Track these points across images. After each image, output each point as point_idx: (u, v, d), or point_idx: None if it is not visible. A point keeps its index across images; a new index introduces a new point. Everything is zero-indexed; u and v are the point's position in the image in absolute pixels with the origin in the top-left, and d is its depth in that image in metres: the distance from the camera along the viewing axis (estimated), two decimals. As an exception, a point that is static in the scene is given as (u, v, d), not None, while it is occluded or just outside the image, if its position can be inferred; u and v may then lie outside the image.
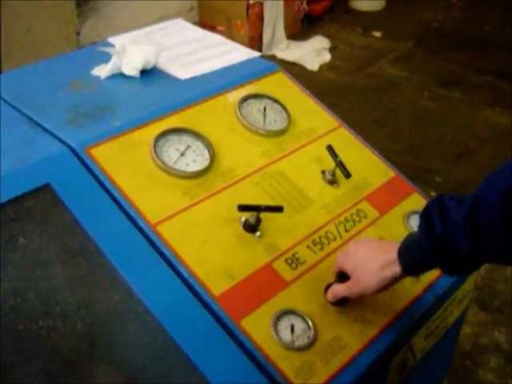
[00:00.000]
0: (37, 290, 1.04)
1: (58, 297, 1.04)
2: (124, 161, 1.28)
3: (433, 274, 1.33)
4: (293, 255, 1.25)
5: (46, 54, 1.73)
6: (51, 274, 1.06)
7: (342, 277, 1.19)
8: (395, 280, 1.12)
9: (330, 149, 1.42)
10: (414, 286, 1.29)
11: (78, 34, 3.87)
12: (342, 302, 1.20)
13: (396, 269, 1.09)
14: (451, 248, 1.00)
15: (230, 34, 4.51)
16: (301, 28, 5.18)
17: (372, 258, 1.13)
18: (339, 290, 1.18)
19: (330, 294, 1.20)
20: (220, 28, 4.68)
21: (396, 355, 1.27)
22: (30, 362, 0.98)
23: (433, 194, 3.19)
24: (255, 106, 1.51)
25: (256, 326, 1.12)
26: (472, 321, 2.55)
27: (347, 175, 1.39)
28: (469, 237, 0.97)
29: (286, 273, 1.22)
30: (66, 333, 1.01)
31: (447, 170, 3.52)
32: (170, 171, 1.28)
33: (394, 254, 1.10)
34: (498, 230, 0.94)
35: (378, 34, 5.26)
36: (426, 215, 1.05)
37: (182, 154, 1.33)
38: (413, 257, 1.08)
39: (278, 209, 1.26)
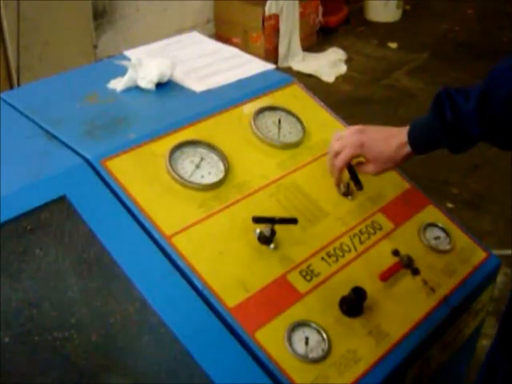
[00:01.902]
0: (52, 301, 1.05)
1: (74, 308, 1.05)
2: (139, 173, 1.28)
3: (448, 287, 1.32)
4: (307, 267, 1.25)
5: (64, 67, 1.75)
6: (66, 285, 1.07)
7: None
8: (407, 158, 1.30)
9: (345, 160, 1.42)
10: (429, 298, 1.29)
11: (95, 47, 3.91)
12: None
13: (407, 149, 1.28)
14: (462, 132, 1.18)
15: (246, 47, 4.53)
16: (316, 40, 5.20)
17: (387, 145, 1.31)
18: (366, 168, 1.36)
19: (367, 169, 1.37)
20: (236, 40, 4.70)
21: (412, 368, 1.26)
22: (45, 373, 0.98)
23: (449, 205, 3.17)
24: (270, 119, 1.52)
25: (270, 338, 1.12)
26: (489, 333, 2.51)
27: (359, 188, 1.39)
28: (479, 123, 1.14)
29: (301, 285, 1.22)
30: (81, 344, 1.02)
31: (464, 182, 3.50)
32: (185, 183, 1.29)
33: (404, 137, 1.28)
34: (506, 118, 1.11)
35: (393, 45, 5.26)
36: (437, 102, 1.22)
37: (197, 166, 1.34)
38: (423, 140, 1.27)
39: (293, 221, 1.26)
